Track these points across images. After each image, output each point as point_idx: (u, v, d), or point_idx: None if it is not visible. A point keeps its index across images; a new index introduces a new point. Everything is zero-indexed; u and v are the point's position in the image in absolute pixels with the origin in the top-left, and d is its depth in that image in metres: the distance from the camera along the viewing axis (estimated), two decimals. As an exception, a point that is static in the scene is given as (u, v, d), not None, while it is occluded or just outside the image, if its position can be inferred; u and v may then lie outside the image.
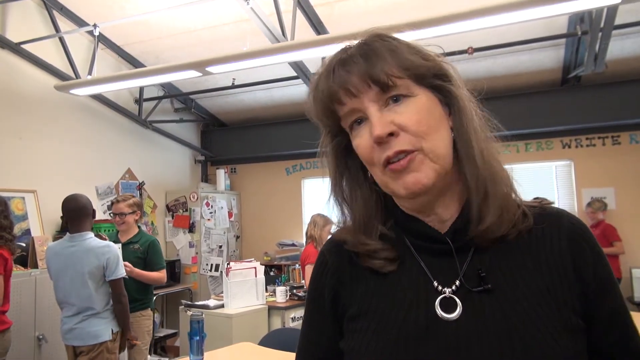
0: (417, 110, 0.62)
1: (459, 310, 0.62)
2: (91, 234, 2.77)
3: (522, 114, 4.80)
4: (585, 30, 3.67)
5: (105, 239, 2.93)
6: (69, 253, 2.71)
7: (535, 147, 5.11)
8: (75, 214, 2.74)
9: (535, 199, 0.71)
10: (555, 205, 0.70)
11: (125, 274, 2.80)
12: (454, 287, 0.63)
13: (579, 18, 3.80)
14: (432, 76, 0.65)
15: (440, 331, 0.61)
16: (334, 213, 0.75)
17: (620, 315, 0.64)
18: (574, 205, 4.96)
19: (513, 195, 0.66)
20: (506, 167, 0.69)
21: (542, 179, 5.11)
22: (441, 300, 0.63)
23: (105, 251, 2.71)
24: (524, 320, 0.59)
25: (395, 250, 0.68)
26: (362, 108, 0.63)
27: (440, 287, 0.64)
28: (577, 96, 4.70)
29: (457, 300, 0.62)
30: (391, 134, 0.61)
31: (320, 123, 0.70)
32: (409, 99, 0.63)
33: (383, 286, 0.68)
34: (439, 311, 0.62)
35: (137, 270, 3.17)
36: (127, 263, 3.07)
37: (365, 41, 0.66)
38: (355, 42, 0.67)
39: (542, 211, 0.67)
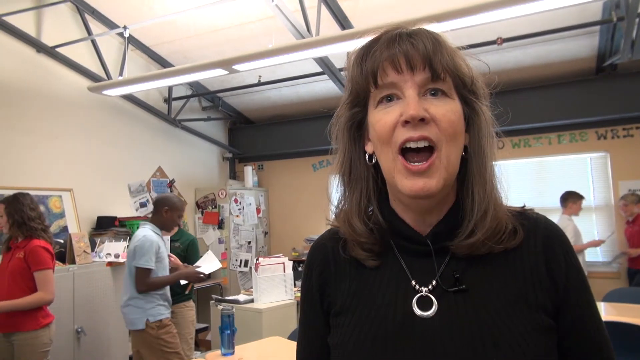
0: (452, 112, 0.64)
1: (434, 309, 0.64)
2: (148, 224, 3.09)
3: (554, 105, 4.66)
4: (621, 16, 3.53)
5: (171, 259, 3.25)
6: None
7: (569, 139, 4.95)
8: (153, 206, 3.22)
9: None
10: (539, 212, 0.71)
11: (152, 266, 2.95)
12: (430, 287, 0.66)
13: (614, 4, 3.65)
14: (468, 89, 0.67)
15: (416, 328, 0.64)
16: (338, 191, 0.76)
17: (586, 321, 0.66)
18: (610, 198, 4.79)
19: (504, 214, 0.67)
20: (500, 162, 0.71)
21: (576, 171, 4.95)
22: (418, 298, 0.66)
23: (137, 239, 2.97)
24: (495, 319, 0.62)
25: (380, 245, 0.71)
26: (402, 86, 0.64)
27: (417, 287, 0.67)
28: (613, 85, 4.53)
29: (433, 299, 0.65)
30: (422, 120, 0.62)
31: (353, 85, 0.69)
32: (447, 98, 0.64)
33: (365, 283, 0.71)
34: (415, 309, 0.65)
35: (181, 264, 3.35)
36: (172, 256, 3.28)
37: (428, 30, 0.67)
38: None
39: (523, 218, 0.68)
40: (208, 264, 3.45)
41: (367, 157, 0.71)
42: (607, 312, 3.02)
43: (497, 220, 0.65)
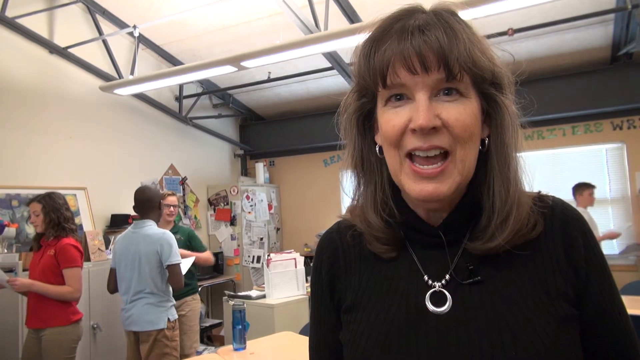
0: (467, 114, 0.59)
1: (448, 304, 0.62)
2: (152, 222, 2.95)
3: (567, 96, 4.59)
4: (637, 4, 3.45)
5: None
6: (130, 238, 2.93)
7: (583, 130, 4.87)
8: (140, 204, 2.96)
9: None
10: (555, 196, 0.68)
11: (181, 260, 2.94)
12: (444, 281, 0.63)
13: (629, -9, 3.57)
14: (489, 82, 0.62)
15: (430, 325, 0.62)
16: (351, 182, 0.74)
17: (609, 307, 0.63)
18: (626, 189, 4.70)
19: (526, 212, 0.63)
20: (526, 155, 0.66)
21: (591, 163, 4.86)
22: (431, 294, 0.63)
23: (160, 237, 2.89)
24: (513, 310, 0.59)
25: (397, 238, 0.68)
26: (413, 88, 0.59)
27: (430, 282, 0.64)
28: (629, 74, 4.43)
29: (447, 293, 0.62)
30: (433, 128, 0.58)
31: (359, 79, 0.65)
32: (462, 98, 0.59)
33: (376, 278, 0.69)
34: (428, 305, 0.63)
35: (186, 251, 3.41)
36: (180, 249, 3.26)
37: (443, 16, 0.61)
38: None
39: (540, 205, 0.65)
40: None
41: (377, 149, 0.67)
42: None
43: (519, 223, 0.61)
